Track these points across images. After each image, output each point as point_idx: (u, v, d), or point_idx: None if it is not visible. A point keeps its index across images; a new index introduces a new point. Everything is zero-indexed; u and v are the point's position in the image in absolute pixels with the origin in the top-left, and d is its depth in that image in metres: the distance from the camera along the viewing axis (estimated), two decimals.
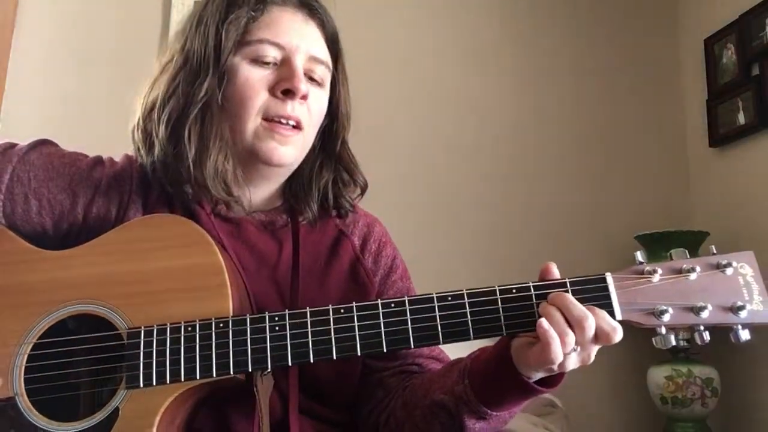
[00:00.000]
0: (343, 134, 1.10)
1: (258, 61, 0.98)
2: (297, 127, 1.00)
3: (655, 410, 2.55)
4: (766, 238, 2.42)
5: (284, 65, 0.99)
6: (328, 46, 1.05)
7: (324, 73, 1.03)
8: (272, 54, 0.98)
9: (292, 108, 0.98)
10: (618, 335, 0.81)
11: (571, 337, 0.79)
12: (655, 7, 3.05)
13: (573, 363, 0.82)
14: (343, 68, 1.10)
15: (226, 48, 0.97)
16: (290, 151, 1.00)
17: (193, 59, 0.98)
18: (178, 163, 0.96)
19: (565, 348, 0.79)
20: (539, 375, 0.85)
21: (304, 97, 0.99)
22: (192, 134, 0.96)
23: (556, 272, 0.87)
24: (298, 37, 1.00)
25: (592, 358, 0.83)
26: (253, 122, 0.98)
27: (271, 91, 0.98)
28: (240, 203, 1.00)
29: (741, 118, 2.61)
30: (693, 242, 2.48)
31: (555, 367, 0.81)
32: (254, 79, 0.98)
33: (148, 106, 1.00)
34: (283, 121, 0.98)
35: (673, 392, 2.43)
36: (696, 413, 2.43)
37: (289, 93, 0.98)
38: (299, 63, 0.99)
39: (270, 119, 0.98)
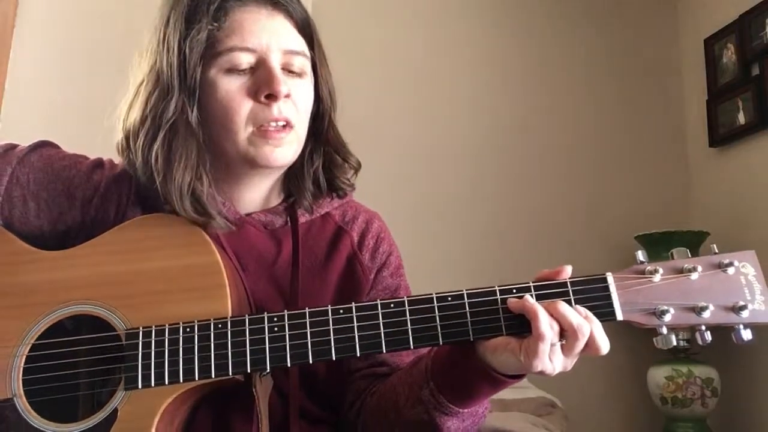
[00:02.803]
0: (329, 115, 1.08)
1: (233, 70, 0.96)
2: (287, 125, 0.98)
3: (655, 410, 2.55)
4: (766, 238, 2.41)
5: (260, 68, 0.96)
6: (301, 33, 1.02)
7: (303, 63, 1.01)
8: (246, 60, 0.96)
9: (279, 110, 0.96)
10: (606, 349, 0.82)
11: (558, 358, 0.81)
12: (655, 7, 3.05)
13: (552, 371, 0.83)
14: (320, 49, 1.07)
15: (191, 64, 0.95)
16: (287, 151, 0.99)
17: (162, 80, 0.96)
18: (152, 186, 0.95)
19: (553, 365, 0.81)
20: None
21: (288, 96, 0.97)
22: (159, 158, 0.94)
23: (567, 274, 0.86)
24: (267, 35, 0.97)
25: (570, 367, 0.84)
26: (244, 132, 0.97)
27: (254, 97, 0.96)
28: (217, 222, 0.97)
29: (741, 118, 2.61)
30: (693, 242, 2.48)
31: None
32: (234, 90, 0.96)
33: (126, 130, 0.99)
34: (273, 124, 0.97)
35: (673, 392, 2.43)
36: (696, 413, 2.43)
37: (271, 96, 0.96)
38: (275, 62, 0.97)
39: (260, 126, 0.97)
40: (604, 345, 0.82)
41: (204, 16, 0.95)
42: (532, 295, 0.84)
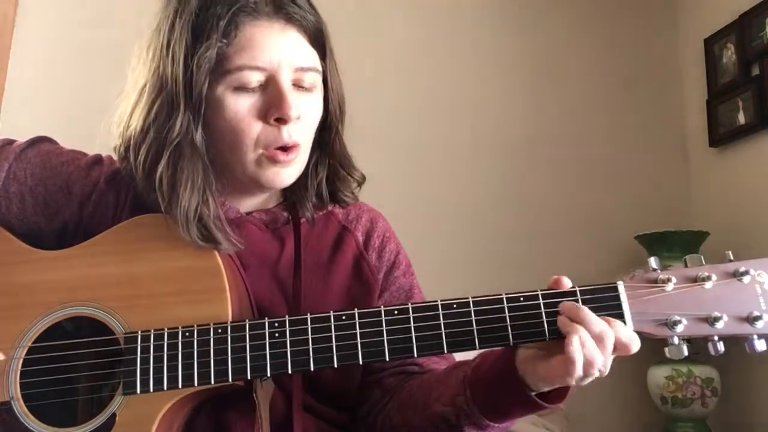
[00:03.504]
0: (336, 126, 1.05)
1: (242, 88, 0.92)
2: (295, 145, 0.96)
3: (655, 410, 2.55)
4: (766, 238, 2.41)
5: (270, 86, 0.93)
6: (313, 46, 0.98)
7: (314, 78, 0.98)
8: (255, 78, 0.92)
9: (289, 134, 0.94)
10: (636, 346, 0.80)
11: (599, 358, 0.79)
12: (655, 7, 3.04)
13: (591, 378, 0.81)
14: (332, 58, 1.03)
15: (198, 81, 0.91)
16: (294, 171, 0.98)
17: (166, 90, 0.93)
18: (155, 204, 0.93)
19: (592, 369, 0.79)
20: (546, 387, 0.84)
21: (298, 118, 0.95)
22: (163, 180, 0.92)
23: (567, 285, 0.85)
24: (279, 52, 0.93)
25: (608, 369, 0.82)
26: (253, 153, 0.94)
27: (263, 118, 0.94)
28: (225, 247, 0.94)
29: (741, 118, 2.61)
30: (693, 242, 2.47)
31: (573, 383, 0.80)
32: (243, 111, 0.93)
33: (126, 139, 0.97)
34: (280, 154, 0.95)
35: (673, 392, 2.43)
36: (696, 413, 2.43)
37: (281, 120, 0.93)
38: (285, 81, 0.93)
39: (267, 147, 0.95)
40: (632, 344, 0.80)
41: (213, 31, 0.90)
42: (540, 305, 0.83)
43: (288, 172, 0.98)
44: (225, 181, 1.00)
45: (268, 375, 0.84)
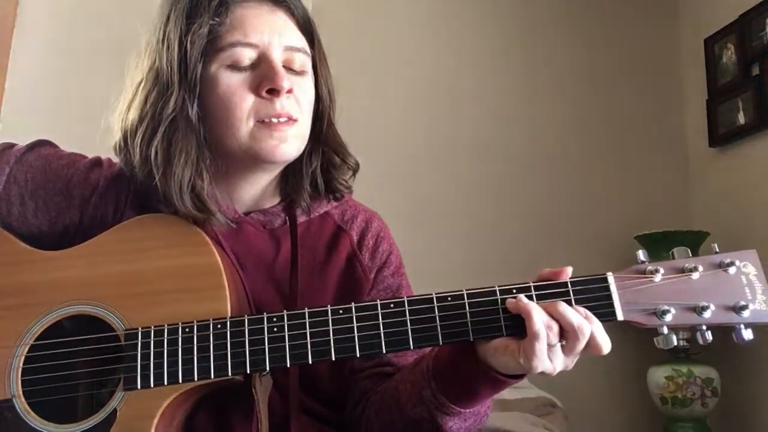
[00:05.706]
0: (328, 114, 1.07)
1: (234, 66, 0.96)
2: (290, 119, 0.98)
3: (655, 410, 2.56)
4: (766, 238, 2.41)
5: (262, 63, 0.96)
6: (302, 31, 1.02)
7: (304, 60, 1.01)
8: (248, 55, 0.96)
9: (281, 105, 0.96)
10: (607, 349, 0.81)
11: (558, 358, 0.81)
12: (655, 7, 3.05)
13: (553, 371, 0.82)
14: (320, 48, 1.07)
15: (192, 60, 0.94)
16: (291, 145, 0.99)
17: (162, 77, 0.96)
18: (150, 184, 0.95)
19: (554, 364, 0.81)
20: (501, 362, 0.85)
21: (290, 91, 0.97)
22: (158, 154, 0.94)
23: (567, 275, 0.86)
24: (269, 31, 0.97)
25: (571, 365, 0.84)
26: (246, 126, 0.96)
27: (256, 92, 0.96)
28: (217, 218, 0.96)
29: (741, 118, 2.61)
30: (693, 242, 2.48)
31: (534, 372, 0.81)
32: (236, 84, 0.95)
33: (125, 132, 0.99)
34: (274, 119, 0.97)
35: (673, 392, 2.44)
36: (696, 413, 2.43)
37: (273, 91, 0.96)
38: (276, 58, 0.97)
39: (262, 120, 0.96)
40: (605, 344, 0.81)
41: (205, 11, 0.95)
42: (532, 297, 0.84)
43: (286, 147, 0.98)
44: (221, 165, 1.00)
45: (267, 369, 0.85)
